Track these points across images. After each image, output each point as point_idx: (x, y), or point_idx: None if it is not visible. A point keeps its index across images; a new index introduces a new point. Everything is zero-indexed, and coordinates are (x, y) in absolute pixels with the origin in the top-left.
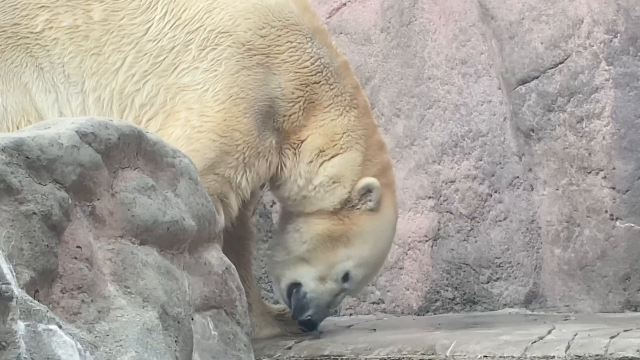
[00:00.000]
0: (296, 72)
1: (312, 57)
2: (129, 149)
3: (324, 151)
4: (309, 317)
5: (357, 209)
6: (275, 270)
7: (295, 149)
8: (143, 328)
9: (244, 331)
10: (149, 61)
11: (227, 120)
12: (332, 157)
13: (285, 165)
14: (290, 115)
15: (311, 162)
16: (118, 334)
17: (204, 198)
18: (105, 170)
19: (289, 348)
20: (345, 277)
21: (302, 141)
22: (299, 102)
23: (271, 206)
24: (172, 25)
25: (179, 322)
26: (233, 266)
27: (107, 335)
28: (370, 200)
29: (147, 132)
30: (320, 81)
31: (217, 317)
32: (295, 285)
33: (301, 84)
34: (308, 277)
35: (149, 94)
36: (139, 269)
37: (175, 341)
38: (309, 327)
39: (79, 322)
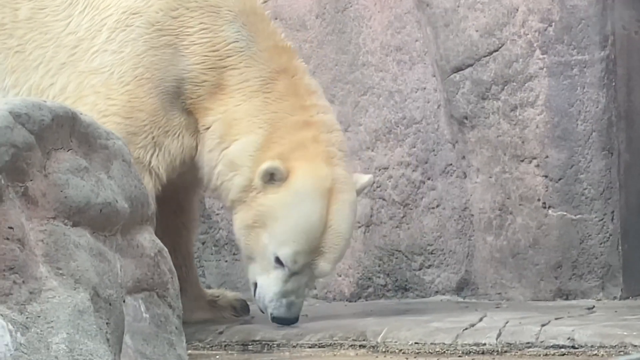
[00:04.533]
0: (204, 56)
1: (224, 40)
2: (63, 130)
3: (224, 139)
4: (272, 315)
5: (259, 192)
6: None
7: (201, 138)
8: (74, 310)
9: (175, 314)
10: (67, 53)
11: (131, 101)
12: (231, 144)
13: (197, 151)
14: (196, 98)
15: (211, 150)
16: (49, 315)
17: (137, 180)
18: (38, 151)
19: (221, 333)
20: (278, 259)
21: (207, 128)
22: (205, 86)
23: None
24: (91, 17)
25: (110, 304)
26: (165, 249)
27: (39, 316)
28: (274, 182)
29: (81, 114)
30: (228, 66)
31: (149, 300)
32: (255, 285)
33: (208, 68)
34: (257, 273)
35: (62, 85)
36: (71, 250)
37: (107, 323)
38: (283, 323)
39: (10, 303)
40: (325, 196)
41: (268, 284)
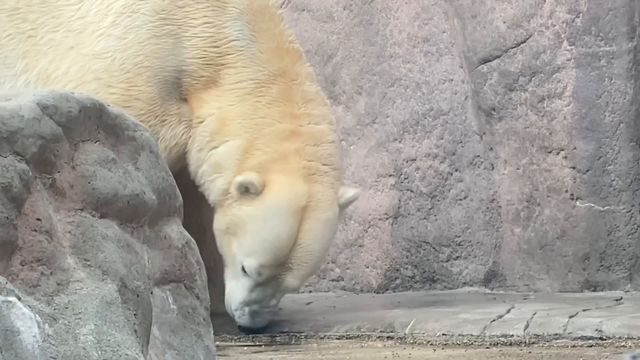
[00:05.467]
0: (204, 50)
1: (225, 37)
2: (90, 122)
3: (214, 138)
4: (238, 324)
5: (234, 201)
6: None
7: (193, 132)
8: (102, 301)
9: (203, 305)
10: (75, 37)
11: (130, 90)
12: (220, 144)
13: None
14: (193, 91)
15: (201, 149)
16: (77, 306)
17: (164, 172)
18: (65, 143)
19: None
20: (243, 269)
21: (200, 122)
22: (202, 80)
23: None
24: (101, 1)
25: (138, 295)
26: (193, 240)
27: (66, 307)
28: (249, 193)
29: (108, 106)
30: (226, 64)
31: (177, 291)
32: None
33: (207, 64)
34: (228, 277)
35: (66, 68)
36: (98, 242)
37: (135, 314)
38: (247, 332)
39: (38, 295)
40: (297, 214)
41: (234, 291)
